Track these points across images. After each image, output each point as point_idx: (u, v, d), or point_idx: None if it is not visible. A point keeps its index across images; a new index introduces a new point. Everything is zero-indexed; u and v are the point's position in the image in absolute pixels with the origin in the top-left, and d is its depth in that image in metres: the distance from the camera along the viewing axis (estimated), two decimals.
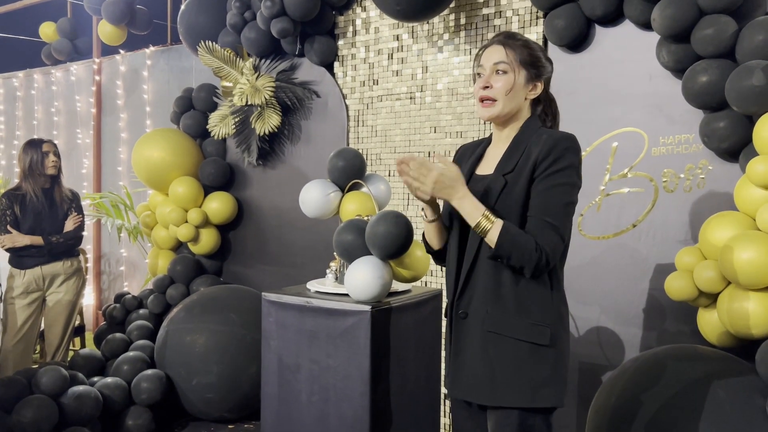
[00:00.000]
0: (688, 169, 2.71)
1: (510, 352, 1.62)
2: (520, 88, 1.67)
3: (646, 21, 2.70)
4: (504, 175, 1.65)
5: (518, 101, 1.68)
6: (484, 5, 3.25)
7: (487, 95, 1.67)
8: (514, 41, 1.68)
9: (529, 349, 1.62)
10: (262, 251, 4.14)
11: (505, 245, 1.54)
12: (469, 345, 1.68)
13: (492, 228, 1.55)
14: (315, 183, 2.52)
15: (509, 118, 1.71)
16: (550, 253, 1.55)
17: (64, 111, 5.98)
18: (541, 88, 1.72)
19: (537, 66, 1.69)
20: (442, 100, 3.39)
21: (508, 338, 1.62)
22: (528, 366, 1.62)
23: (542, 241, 1.55)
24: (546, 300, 1.64)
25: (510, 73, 1.66)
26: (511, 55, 1.66)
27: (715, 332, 2.46)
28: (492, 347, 1.64)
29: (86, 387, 3.10)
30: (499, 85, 1.66)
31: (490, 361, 1.64)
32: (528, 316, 1.62)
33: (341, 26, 3.76)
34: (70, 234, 3.77)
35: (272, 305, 2.23)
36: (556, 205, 1.58)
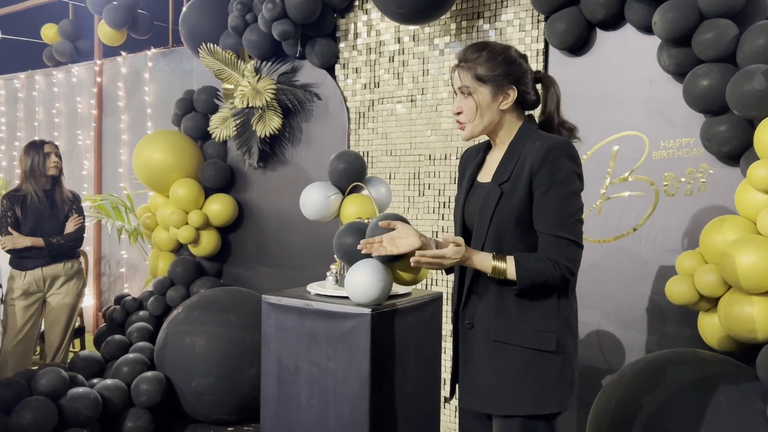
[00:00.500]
0: (688, 172, 2.71)
1: (516, 360, 1.63)
2: (486, 105, 1.67)
3: (647, 25, 2.70)
4: (500, 185, 1.65)
5: (491, 116, 1.69)
6: (485, 9, 3.25)
7: (458, 120, 1.72)
8: (473, 57, 1.66)
9: (535, 356, 1.62)
10: (262, 253, 4.14)
11: (526, 281, 1.58)
12: (476, 355, 1.69)
13: (507, 267, 1.59)
14: (315, 185, 2.52)
15: (494, 129, 1.72)
16: (570, 266, 1.58)
17: (65, 112, 5.99)
18: (515, 94, 1.68)
19: (500, 76, 1.66)
20: (443, 103, 3.39)
21: (514, 346, 1.63)
22: (534, 372, 1.63)
23: (559, 257, 1.58)
24: (550, 307, 1.64)
25: (473, 95, 1.67)
26: (466, 77, 1.67)
27: (715, 336, 2.46)
28: (499, 356, 1.65)
29: (86, 389, 3.10)
30: (465, 107, 1.69)
31: (497, 370, 1.65)
32: (532, 323, 1.63)
33: (342, 29, 3.76)
34: (71, 235, 3.77)
35: (272, 307, 2.22)
36: (565, 217, 1.59)
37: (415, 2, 3.07)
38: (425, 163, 3.46)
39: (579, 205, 1.62)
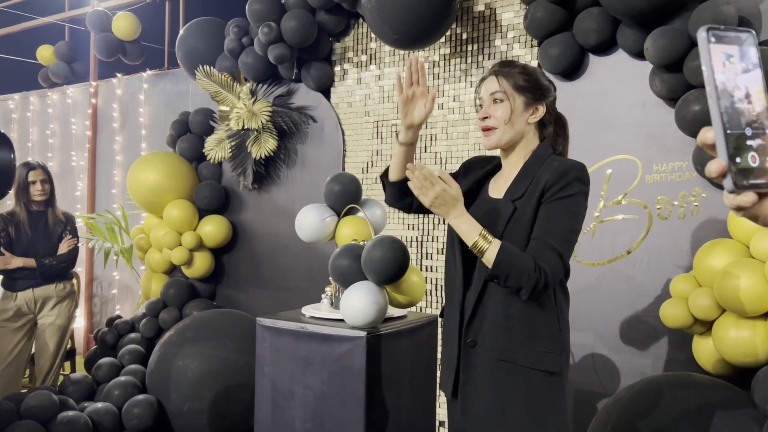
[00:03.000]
0: (681, 196, 2.73)
1: (522, 381, 1.61)
2: (518, 114, 1.67)
3: (639, 50, 2.74)
4: (513, 201, 1.64)
5: (519, 127, 1.68)
6: (480, 34, 3.29)
7: (487, 125, 1.69)
8: (509, 69, 1.69)
9: (542, 378, 1.61)
10: (256, 275, 4.12)
11: (503, 265, 1.53)
12: (478, 374, 1.65)
13: (489, 248, 1.55)
14: (311, 207, 2.52)
15: (513, 144, 1.71)
16: (549, 274, 1.54)
17: (59, 133, 5.98)
18: (543, 110, 1.71)
19: (534, 90, 1.68)
20: (438, 126, 3.41)
21: (521, 367, 1.60)
22: (539, 395, 1.61)
23: (543, 262, 1.54)
24: (554, 328, 1.63)
25: (506, 101, 1.67)
26: (504, 84, 1.67)
27: (710, 360, 2.46)
28: (503, 376, 1.62)
29: (76, 412, 3.06)
30: (498, 114, 1.67)
31: (501, 391, 1.62)
32: (539, 344, 1.61)
33: (338, 52, 3.80)
34: (64, 257, 3.75)
35: (267, 330, 2.21)
36: (560, 229, 1.58)
37: (411, 28, 3.10)
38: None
39: (576, 226, 1.61)
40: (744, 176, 0.59)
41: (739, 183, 0.59)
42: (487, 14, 3.27)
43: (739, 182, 0.59)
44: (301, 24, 3.52)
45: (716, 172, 0.61)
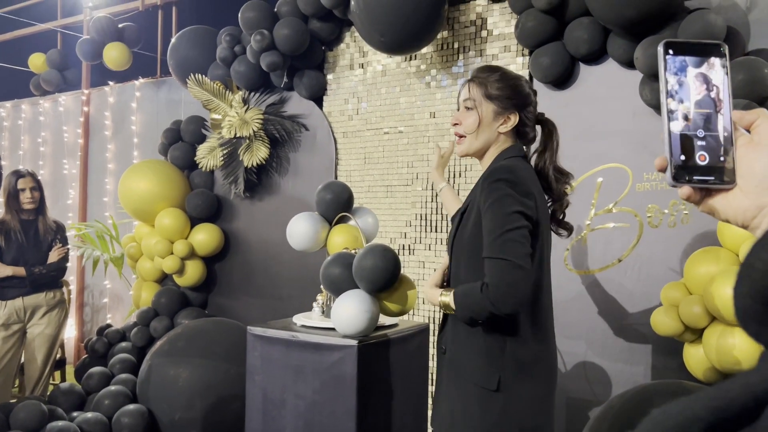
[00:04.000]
0: (672, 204, 2.74)
1: (463, 391, 1.62)
2: (487, 122, 1.65)
3: (629, 60, 2.76)
4: (462, 213, 1.68)
5: (488, 136, 1.67)
6: (471, 42, 3.31)
7: (456, 132, 1.70)
8: (485, 75, 1.66)
9: (480, 393, 1.58)
10: (248, 284, 4.11)
11: (463, 309, 1.54)
12: (442, 380, 1.70)
13: (450, 300, 1.59)
14: (303, 216, 2.52)
15: (484, 153, 1.69)
16: (495, 284, 1.46)
17: (50, 141, 5.96)
18: (516, 119, 1.66)
19: (507, 98, 1.65)
20: (429, 134, 3.42)
21: (463, 378, 1.62)
22: (478, 409, 1.58)
23: (490, 279, 1.48)
24: (494, 345, 1.58)
25: (475, 110, 1.66)
26: (475, 91, 1.65)
27: (701, 367, 2.46)
28: (452, 385, 1.65)
29: (65, 422, 3.03)
30: (466, 121, 1.67)
31: (452, 399, 1.64)
32: (475, 358, 1.59)
33: (330, 61, 3.80)
34: (54, 265, 3.72)
35: (257, 339, 2.20)
36: (497, 238, 1.49)
37: (397, 31, 3.12)
38: (412, 193, 3.47)
39: (510, 225, 1.49)
40: (689, 172, 0.65)
41: (679, 178, 0.65)
42: (478, 23, 3.29)
43: (680, 177, 0.65)
44: (293, 32, 3.53)
45: (658, 166, 0.67)
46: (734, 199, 0.64)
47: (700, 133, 0.65)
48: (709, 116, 0.66)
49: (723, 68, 0.67)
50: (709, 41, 0.68)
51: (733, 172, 0.64)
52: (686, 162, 0.65)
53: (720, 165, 0.65)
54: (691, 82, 0.66)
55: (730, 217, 0.65)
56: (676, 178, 0.65)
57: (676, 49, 0.67)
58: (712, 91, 0.66)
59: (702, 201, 0.67)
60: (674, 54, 0.66)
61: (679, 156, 0.65)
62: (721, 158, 0.65)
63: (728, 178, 0.64)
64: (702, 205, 0.67)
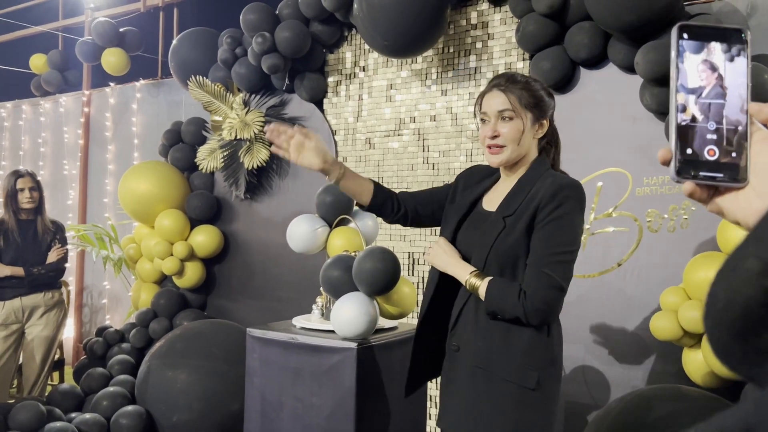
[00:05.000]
0: (671, 209, 2.74)
1: (496, 391, 1.60)
2: (528, 131, 1.65)
3: (630, 64, 2.77)
4: (504, 218, 1.62)
5: (527, 144, 1.66)
6: (472, 46, 3.32)
7: (496, 143, 1.64)
8: (514, 85, 1.65)
9: (516, 391, 1.59)
10: (247, 286, 4.11)
11: (492, 302, 1.55)
12: (458, 378, 1.66)
13: (480, 285, 1.57)
14: (303, 218, 2.52)
15: (518, 160, 1.69)
16: (540, 304, 1.51)
17: (51, 142, 5.96)
18: (548, 125, 1.70)
19: (540, 105, 1.66)
20: (430, 138, 3.42)
21: (495, 376, 1.60)
22: (512, 408, 1.59)
23: (533, 291, 1.52)
24: (537, 343, 1.60)
25: (516, 119, 1.63)
26: (514, 101, 1.63)
27: (700, 372, 2.46)
28: (480, 383, 1.62)
29: (64, 423, 3.03)
30: (506, 131, 1.63)
31: (477, 397, 1.61)
32: (515, 357, 1.60)
33: (331, 63, 3.81)
34: (52, 266, 3.72)
35: (257, 341, 2.20)
36: (555, 254, 1.54)
37: (401, 35, 3.12)
38: None
39: (572, 247, 1.57)
40: (695, 167, 0.60)
41: (683, 173, 0.60)
42: (479, 26, 3.30)
43: (684, 172, 0.60)
44: (294, 35, 3.53)
45: (661, 158, 0.61)
46: (745, 200, 0.59)
47: (711, 125, 0.60)
48: (723, 107, 0.60)
49: (743, 56, 0.61)
50: (730, 26, 0.62)
51: (746, 169, 0.59)
52: (692, 156, 0.60)
53: (731, 161, 0.59)
54: (706, 69, 0.61)
55: (740, 219, 0.60)
56: (679, 173, 0.60)
57: (691, 34, 0.62)
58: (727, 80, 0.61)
59: (709, 199, 0.61)
60: (689, 38, 0.61)
61: (684, 148, 0.60)
62: (732, 154, 0.59)
63: (739, 175, 0.59)
64: (709, 204, 0.62)
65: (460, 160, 3.32)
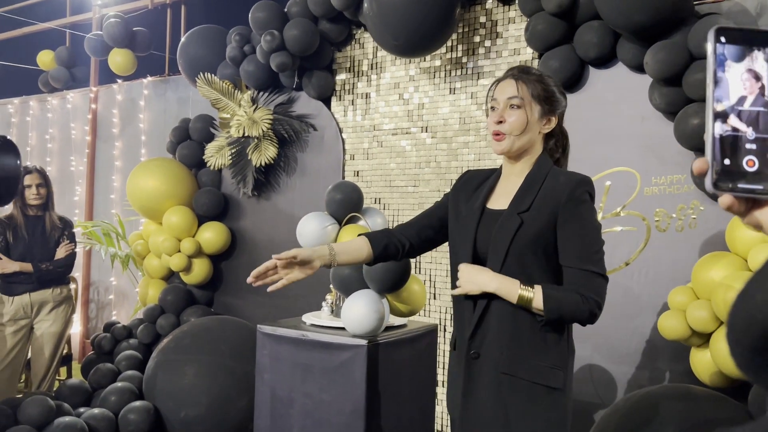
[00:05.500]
0: (680, 209, 2.75)
1: (524, 395, 1.60)
2: (533, 123, 1.65)
3: (639, 64, 2.77)
4: (519, 214, 1.62)
5: (531, 136, 1.66)
6: (481, 45, 3.32)
7: (500, 130, 1.65)
8: (528, 76, 1.66)
9: (544, 393, 1.60)
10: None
11: (554, 310, 1.55)
12: (481, 386, 1.64)
13: (534, 297, 1.55)
14: (313, 215, 2.53)
15: (522, 152, 1.69)
16: (598, 300, 1.56)
17: (58, 138, 5.98)
18: (555, 122, 1.69)
19: (551, 101, 1.66)
20: (438, 136, 3.43)
21: (523, 381, 1.60)
22: (542, 409, 1.60)
23: (588, 291, 1.55)
24: (561, 343, 1.63)
25: (523, 108, 1.64)
26: (524, 90, 1.64)
27: (707, 372, 2.47)
28: (505, 389, 1.61)
29: (72, 418, 3.04)
30: (512, 119, 1.64)
31: (504, 403, 1.61)
32: (544, 358, 1.60)
33: (339, 61, 3.82)
34: (61, 261, 3.74)
35: (267, 338, 2.21)
36: (591, 252, 1.58)
37: (411, 35, 3.13)
38: (419, 194, 3.48)
39: (601, 241, 1.62)
40: (732, 179, 0.57)
41: (721, 185, 0.57)
42: (488, 26, 3.30)
43: (721, 184, 0.57)
44: (303, 33, 3.54)
45: (696, 170, 0.59)
46: None
47: (751, 134, 0.57)
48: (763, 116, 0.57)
49: None
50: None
51: None
52: (730, 166, 0.57)
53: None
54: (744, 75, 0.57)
55: None
56: (717, 185, 0.57)
57: (729, 38, 0.58)
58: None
59: (747, 212, 0.58)
60: (727, 42, 0.58)
61: (722, 159, 0.57)
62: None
63: None
64: (747, 217, 0.59)
65: (467, 158, 3.33)
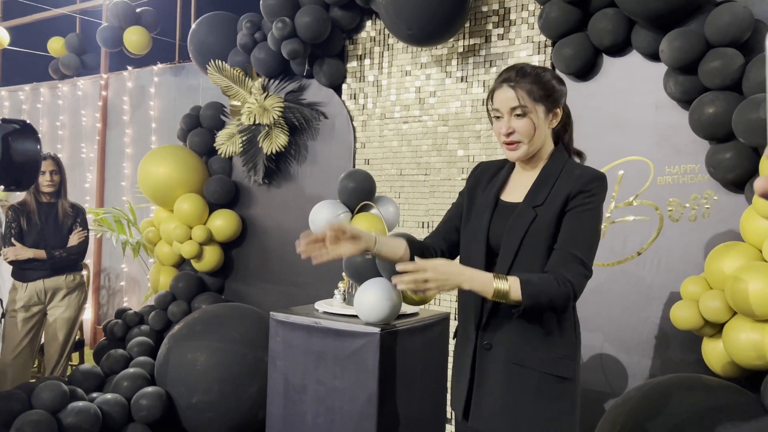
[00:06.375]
0: (693, 198, 2.73)
1: (533, 385, 1.61)
2: (541, 124, 1.65)
3: (654, 52, 2.74)
4: (534, 207, 1.63)
5: (543, 135, 1.67)
6: (493, 32, 3.30)
7: (512, 140, 1.65)
8: (524, 78, 1.64)
9: (555, 383, 1.61)
10: (264, 270, 4.14)
11: (531, 298, 1.51)
12: (492, 376, 1.65)
13: (510, 287, 1.51)
14: (325, 203, 2.53)
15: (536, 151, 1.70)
16: (575, 284, 1.54)
17: (69, 125, 6.00)
18: (561, 113, 1.70)
19: (551, 95, 1.66)
20: (449, 124, 3.42)
21: (533, 371, 1.61)
22: (550, 399, 1.61)
23: (568, 273, 1.54)
24: (571, 334, 1.65)
25: (529, 115, 1.63)
26: (524, 97, 1.62)
27: (720, 362, 2.46)
28: (515, 379, 1.62)
29: (86, 403, 3.08)
30: (521, 126, 1.63)
31: (513, 393, 1.62)
32: (554, 349, 1.62)
33: (350, 49, 3.80)
34: (74, 248, 3.77)
35: (280, 325, 2.23)
36: (584, 238, 1.58)
37: (425, 24, 3.11)
38: (430, 183, 3.48)
39: (599, 234, 1.62)
40: None
41: None
42: (501, 13, 3.28)
43: None
44: (314, 20, 3.53)
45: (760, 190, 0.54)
46: None
47: None
48: None
49: None
50: None
51: None
52: None
53: None
54: None
55: None
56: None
57: None
58: None
59: None
60: None
61: None
62: None
63: None
64: None
65: (478, 147, 3.32)
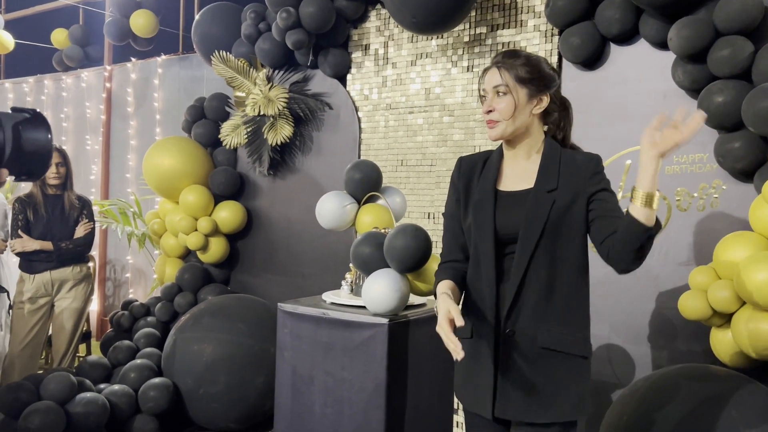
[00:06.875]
0: (701, 188, 2.72)
1: (562, 367, 1.64)
2: (522, 106, 1.68)
3: (662, 40, 2.72)
4: (549, 192, 1.66)
5: (523, 119, 1.70)
6: (499, 22, 3.27)
7: (491, 118, 1.70)
8: (511, 60, 1.69)
9: (578, 363, 1.66)
10: (270, 261, 4.14)
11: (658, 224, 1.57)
12: (517, 363, 1.65)
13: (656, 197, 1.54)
14: (332, 194, 2.53)
15: (519, 135, 1.73)
16: None
17: (73, 117, 6.00)
18: (548, 100, 1.72)
19: (538, 81, 1.69)
20: (455, 114, 3.40)
21: (561, 353, 1.63)
22: (576, 379, 1.65)
23: None
24: (587, 315, 1.70)
25: (509, 95, 1.67)
26: (507, 77, 1.67)
27: (728, 352, 2.45)
28: (543, 363, 1.64)
29: (93, 394, 3.09)
30: (501, 106, 1.68)
31: (541, 377, 1.63)
32: (575, 330, 1.66)
33: (355, 39, 3.78)
34: (80, 240, 3.77)
35: (288, 316, 2.23)
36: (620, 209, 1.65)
37: (430, 12, 3.09)
38: (435, 173, 3.46)
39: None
40: None
41: None
42: (507, 2, 3.25)
43: None
44: (319, 10, 3.51)
45: None
46: None
47: None
48: None
49: None
50: None
51: None
52: None
53: None
54: None
55: None
56: None
57: None
58: None
59: None
60: None
61: None
62: None
63: None
64: None
65: (483, 137, 3.30)
